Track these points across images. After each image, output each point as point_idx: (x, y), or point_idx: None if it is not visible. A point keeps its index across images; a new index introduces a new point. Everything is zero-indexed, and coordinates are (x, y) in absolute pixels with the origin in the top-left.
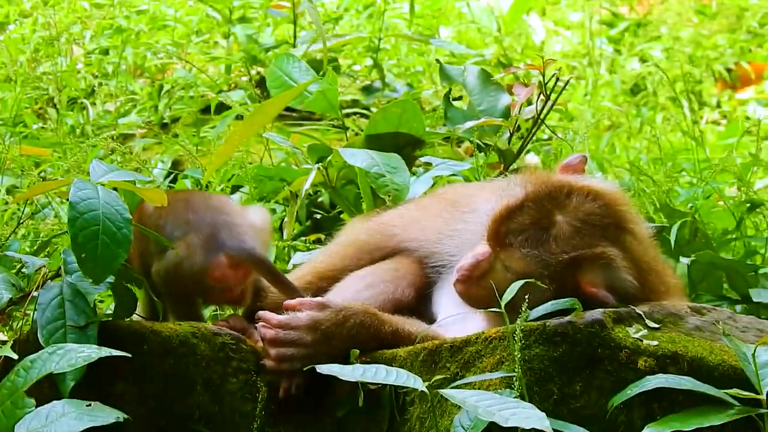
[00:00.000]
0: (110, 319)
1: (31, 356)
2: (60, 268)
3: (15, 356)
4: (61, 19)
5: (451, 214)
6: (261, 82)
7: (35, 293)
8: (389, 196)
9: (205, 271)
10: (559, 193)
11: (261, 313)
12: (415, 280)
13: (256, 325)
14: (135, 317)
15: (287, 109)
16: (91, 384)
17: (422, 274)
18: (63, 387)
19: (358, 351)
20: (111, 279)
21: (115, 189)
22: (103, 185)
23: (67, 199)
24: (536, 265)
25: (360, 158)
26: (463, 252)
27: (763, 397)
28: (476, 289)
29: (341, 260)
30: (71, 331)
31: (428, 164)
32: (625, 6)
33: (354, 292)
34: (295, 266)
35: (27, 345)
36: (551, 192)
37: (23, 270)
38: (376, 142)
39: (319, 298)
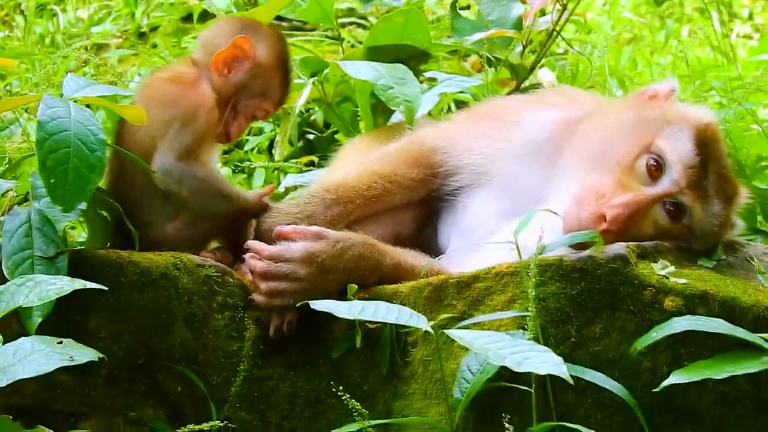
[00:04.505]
0: (82, 248)
1: None
2: (28, 192)
3: None
4: None
5: (492, 126)
6: None
7: (0, 218)
8: (400, 107)
9: None
10: (709, 136)
11: (250, 242)
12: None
13: (245, 255)
14: None
15: (277, 18)
16: (61, 319)
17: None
18: (29, 324)
19: (356, 286)
20: (83, 206)
21: (88, 106)
22: (75, 102)
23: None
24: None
25: (364, 71)
26: (493, 166)
27: None
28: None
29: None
30: (39, 262)
31: (433, 80)
32: None
33: None
34: (287, 189)
35: None
36: (708, 135)
37: None
38: (376, 54)
39: (315, 227)
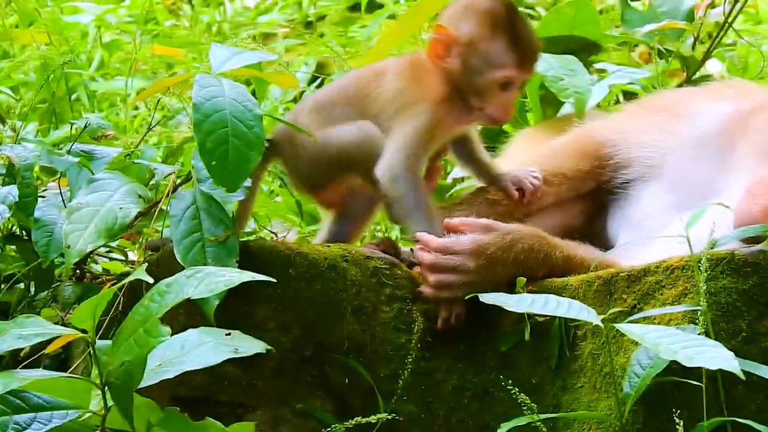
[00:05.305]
0: (251, 239)
1: (167, 280)
2: (189, 173)
3: (151, 280)
4: None
5: (663, 119)
6: None
7: (164, 206)
8: (571, 99)
9: None
10: None
11: (419, 234)
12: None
13: (413, 248)
14: None
15: None
16: (229, 310)
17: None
18: (207, 308)
19: (525, 279)
20: (248, 183)
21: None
22: (227, 77)
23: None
24: None
25: None
26: (664, 160)
27: None
28: None
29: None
30: (210, 245)
31: (602, 71)
32: None
33: None
34: (455, 181)
35: (157, 267)
36: None
37: (152, 180)
38: (548, 45)
39: (483, 220)
